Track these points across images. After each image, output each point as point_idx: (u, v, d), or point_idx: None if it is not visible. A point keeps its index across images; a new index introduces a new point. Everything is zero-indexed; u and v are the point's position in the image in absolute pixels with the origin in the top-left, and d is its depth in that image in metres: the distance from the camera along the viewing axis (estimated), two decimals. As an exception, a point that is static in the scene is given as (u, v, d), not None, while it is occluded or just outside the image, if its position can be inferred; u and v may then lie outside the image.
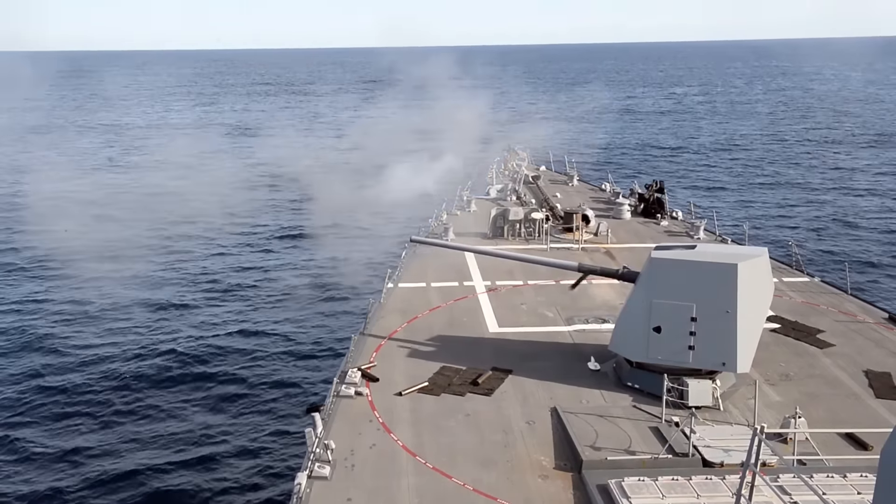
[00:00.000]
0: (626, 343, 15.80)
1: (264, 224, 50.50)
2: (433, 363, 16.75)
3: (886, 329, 19.37)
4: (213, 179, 59.61)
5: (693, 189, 61.31)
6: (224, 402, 25.04)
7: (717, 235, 28.95)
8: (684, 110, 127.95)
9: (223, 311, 33.60)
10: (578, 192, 36.24)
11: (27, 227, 46.63)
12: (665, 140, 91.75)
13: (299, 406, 24.15)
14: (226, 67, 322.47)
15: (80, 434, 23.00)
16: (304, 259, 42.12)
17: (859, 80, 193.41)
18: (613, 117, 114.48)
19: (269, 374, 27.13)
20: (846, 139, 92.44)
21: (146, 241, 44.67)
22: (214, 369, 27.52)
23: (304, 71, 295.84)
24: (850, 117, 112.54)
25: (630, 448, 13.06)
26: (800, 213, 54.58)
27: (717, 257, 15.40)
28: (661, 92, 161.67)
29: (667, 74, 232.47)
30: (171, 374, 27.00)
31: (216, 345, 29.78)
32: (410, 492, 12.02)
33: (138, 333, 30.95)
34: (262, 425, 23.58)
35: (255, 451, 22.11)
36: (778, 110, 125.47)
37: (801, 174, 69.92)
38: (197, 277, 38.52)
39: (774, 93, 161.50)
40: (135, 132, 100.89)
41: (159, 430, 23.17)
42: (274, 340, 30.42)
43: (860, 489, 11.29)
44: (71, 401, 25.05)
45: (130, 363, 27.91)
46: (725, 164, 75.41)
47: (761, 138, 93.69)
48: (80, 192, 56.80)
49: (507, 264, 23.85)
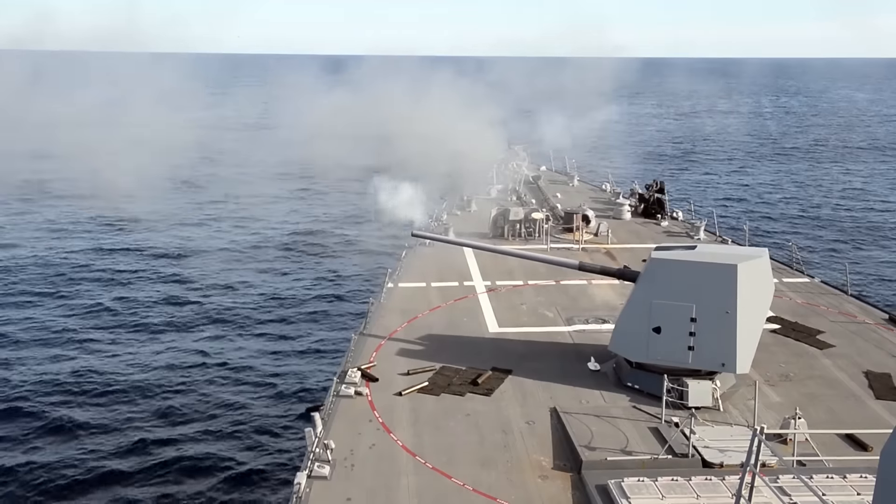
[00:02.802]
0: (626, 343, 15.79)
1: (263, 222, 50.52)
2: (433, 363, 16.74)
3: (886, 330, 19.36)
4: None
5: (693, 189, 61.31)
6: (224, 402, 25.03)
7: (717, 236, 28.97)
8: (688, 113, 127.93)
9: (223, 310, 33.57)
10: (579, 193, 36.25)
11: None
12: (667, 140, 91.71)
13: (299, 406, 24.16)
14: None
15: (80, 433, 22.99)
16: (304, 258, 42.10)
17: (865, 99, 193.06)
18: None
19: (269, 374, 27.12)
20: (847, 141, 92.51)
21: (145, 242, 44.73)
22: (214, 369, 27.51)
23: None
24: (854, 125, 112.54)
25: (630, 448, 13.05)
26: (800, 213, 54.60)
27: (717, 258, 15.40)
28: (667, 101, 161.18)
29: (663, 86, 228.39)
30: (170, 374, 26.98)
31: (216, 344, 29.78)
32: (410, 492, 12.02)
33: (137, 333, 30.95)
34: (262, 425, 23.57)
35: (255, 451, 22.11)
36: (782, 115, 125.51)
37: (802, 175, 69.95)
38: (196, 277, 38.49)
39: (782, 104, 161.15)
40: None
41: (159, 430, 23.15)
42: (274, 340, 30.42)
43: (860, 490, 11.28)
44: (71, 400, 25.05)
45: (130, 362, 27.91)
46: (726, 165, 75.43)
47: (762, 139, 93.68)
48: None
49: (507, 264, 23.87)
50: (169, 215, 50.85)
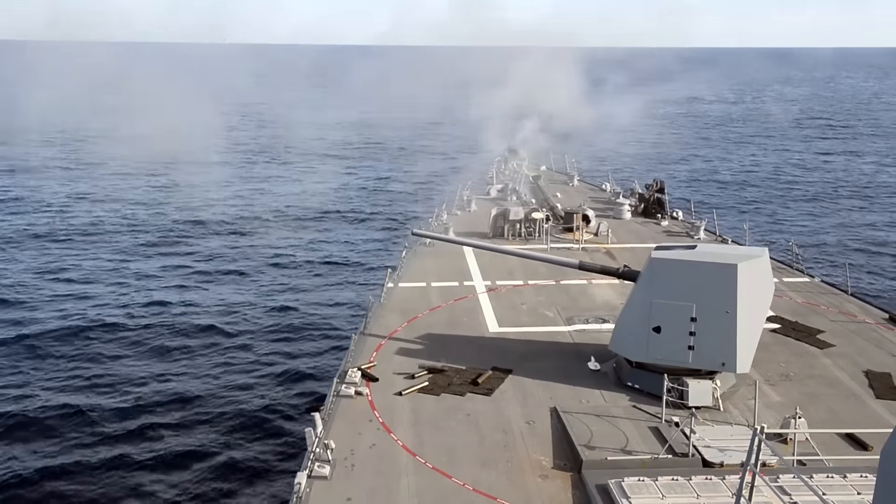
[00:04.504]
0: (626, 343, 15.80)
1: (265, 221, 50.52)
2: (433, 363, 16.74)
3: (886, 329, 19.37)
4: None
5: (693, 189, 61.31)
6: (224, 402, 25.00)
7: (718, 235, 28.97)
8: (687, 113, 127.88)
9: (223, 310, 33.56)
10: (579, 192, 36.25)
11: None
12: (669, 141, 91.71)
13: (299, 406, 24.15)
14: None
15: (78, 431, 22.98)
16: (305, 257, 42.10)
17: (872, 88, 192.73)
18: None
19: (268, 374, 27.12)
20: (848, 139, 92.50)
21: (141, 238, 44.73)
22: (213, 368, 27.51)
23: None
24: (857, 119, 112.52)
25: (630, 448, 13.06)
26: (800, 213, 54.60)
27: (717, 257, 15.40)
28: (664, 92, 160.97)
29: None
30: (169, 374, 26.97)
31: (216, 344, 29.76)
32: (410, 491, 12.02)
33: (134, 332, 30.94)
34: (261, 424, 23.56)
35: (255, 451, 22.10)
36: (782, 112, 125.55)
37: (802, 174, 69.95)
38: (195, 275, 38.49)
39: (782, 97, 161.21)
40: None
41: (158, 430, 23.14)
42: (273, 339, 30.40)
43: (860, 489, 11.28)
44: (70, 400, 25.03)
45: (128, 362, 27.90)
46: (726, 165, 75.42)
47: (762, 139, 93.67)
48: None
49: (507, 264, 23.88)
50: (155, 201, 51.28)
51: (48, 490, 20.18)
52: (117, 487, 20.31)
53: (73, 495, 20.02)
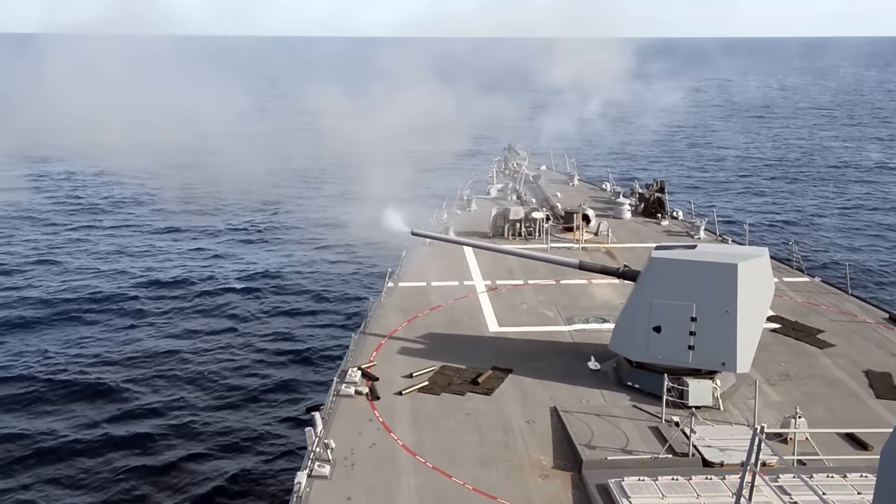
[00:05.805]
0: (626, 343, 15.80)
1: (264, 220, 50.48)
2: (433, 362, 16.75)
3: (886, 329, 19.38)
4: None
5: (693, 189, 61.29)
6: (223, 401, 25.00)
7: (718, 235, 28.98)
8: (687, 109, 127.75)
9: (222, 309, 33.56)
10: (579, 192, 36.25)
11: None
12: (668, 141, 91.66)
13: (299, 405, 24.14)
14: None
15: (77, 431, 22.98)
16: (305, 257, 42.08)
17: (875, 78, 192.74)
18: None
19: (268, 374, 27.10)
20: (848, 138, 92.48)
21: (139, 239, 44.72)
22: (214, 368, 27.50)
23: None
24: (855, 114, 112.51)
25: (630, 448, 13.06)
26: (800, 213, 54.57)
27: (717, 257, 15.42)
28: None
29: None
30: (168, 373, 26.96)
31: (215, 343, 29.75)
32: (410, 491, 12.03)
33: (134, 332, 30.95)
34: (262, 424, 23.56)
35: (254, 451, 22.09)
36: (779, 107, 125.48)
37: (802, 174, 69.92)
38: (194, 276, 38.47)
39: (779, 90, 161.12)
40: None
41: (157, 430, 23.14)
42: (274, 339, 30.38)
43: (860, 489, 11.29)
44: (70, 400, 25.03)
45: (127, 361, 27.90)
46: (726, 164, 75.40)
47: (762, 139, 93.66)
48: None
49: (507, 264, 23.89)
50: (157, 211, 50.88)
51: (47, 492, 20.19)
52: (117, 487, 20.31)
53: (73, 495, 20.03)
